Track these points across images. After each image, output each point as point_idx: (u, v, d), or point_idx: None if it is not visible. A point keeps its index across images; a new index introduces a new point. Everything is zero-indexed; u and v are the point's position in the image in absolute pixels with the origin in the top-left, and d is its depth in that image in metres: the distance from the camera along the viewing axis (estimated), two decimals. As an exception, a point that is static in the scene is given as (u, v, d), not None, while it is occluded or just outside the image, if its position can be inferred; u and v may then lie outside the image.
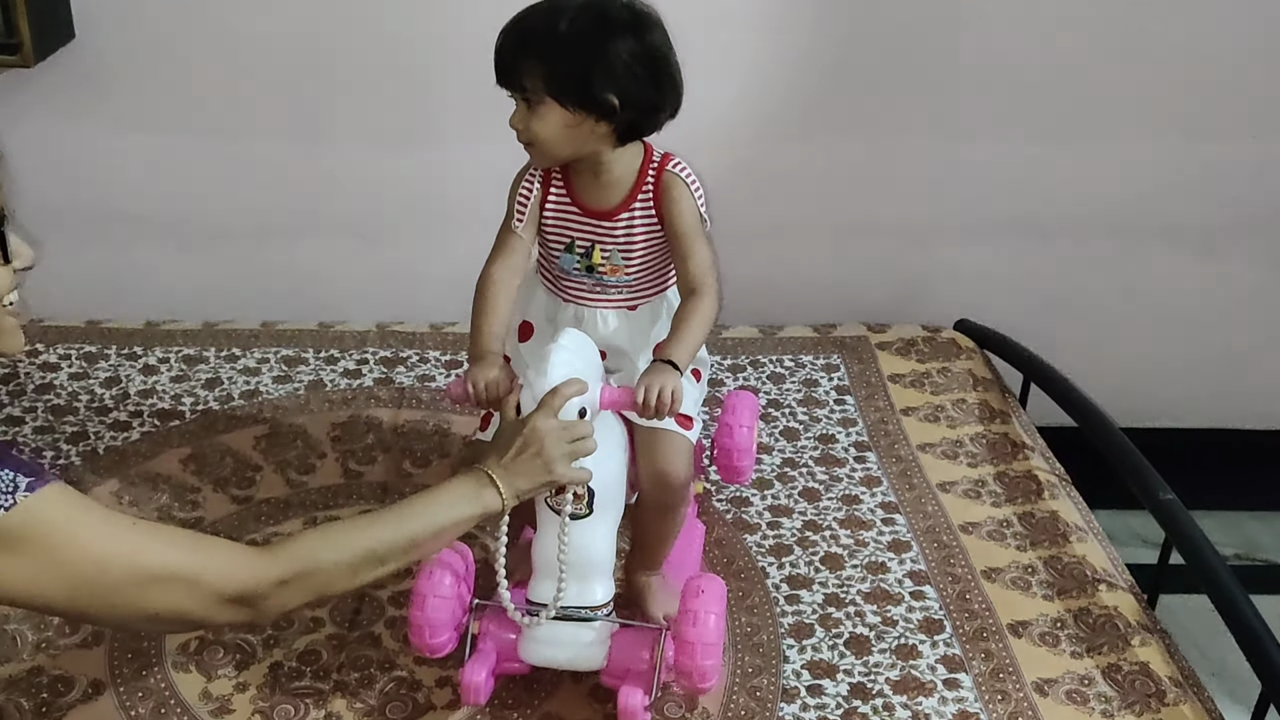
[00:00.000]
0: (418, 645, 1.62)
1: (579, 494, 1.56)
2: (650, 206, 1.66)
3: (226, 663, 1.74)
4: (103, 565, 1.20)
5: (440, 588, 1.60)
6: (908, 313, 2.77)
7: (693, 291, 1.64)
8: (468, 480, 1.48)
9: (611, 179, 1.65)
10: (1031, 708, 1.69)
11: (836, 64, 2.61)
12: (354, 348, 2.54)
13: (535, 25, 1.55)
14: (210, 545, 1.34)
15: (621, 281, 1.71)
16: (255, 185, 2.68)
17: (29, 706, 1.65)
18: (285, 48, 2.55)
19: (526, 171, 1.69)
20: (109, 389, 2.37)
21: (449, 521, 1.45)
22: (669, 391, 1.52)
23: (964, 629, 1.84)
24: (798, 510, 2.10)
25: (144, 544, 1.24)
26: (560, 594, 1.56)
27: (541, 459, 1.48)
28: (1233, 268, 2.84)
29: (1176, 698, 1.72)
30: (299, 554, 1.34)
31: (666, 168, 1.65)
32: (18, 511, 1.14)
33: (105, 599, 1.22)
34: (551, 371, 1.51)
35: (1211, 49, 2.61)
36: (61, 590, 1.19)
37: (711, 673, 1.58)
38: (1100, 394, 2.36)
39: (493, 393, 1.59)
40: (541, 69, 1.54)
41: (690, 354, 1.60)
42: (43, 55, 2.40)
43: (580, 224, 1.68)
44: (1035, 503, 2.13)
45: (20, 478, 1.15)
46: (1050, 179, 2.74)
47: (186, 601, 1.26)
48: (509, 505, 1.49)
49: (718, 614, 1.58)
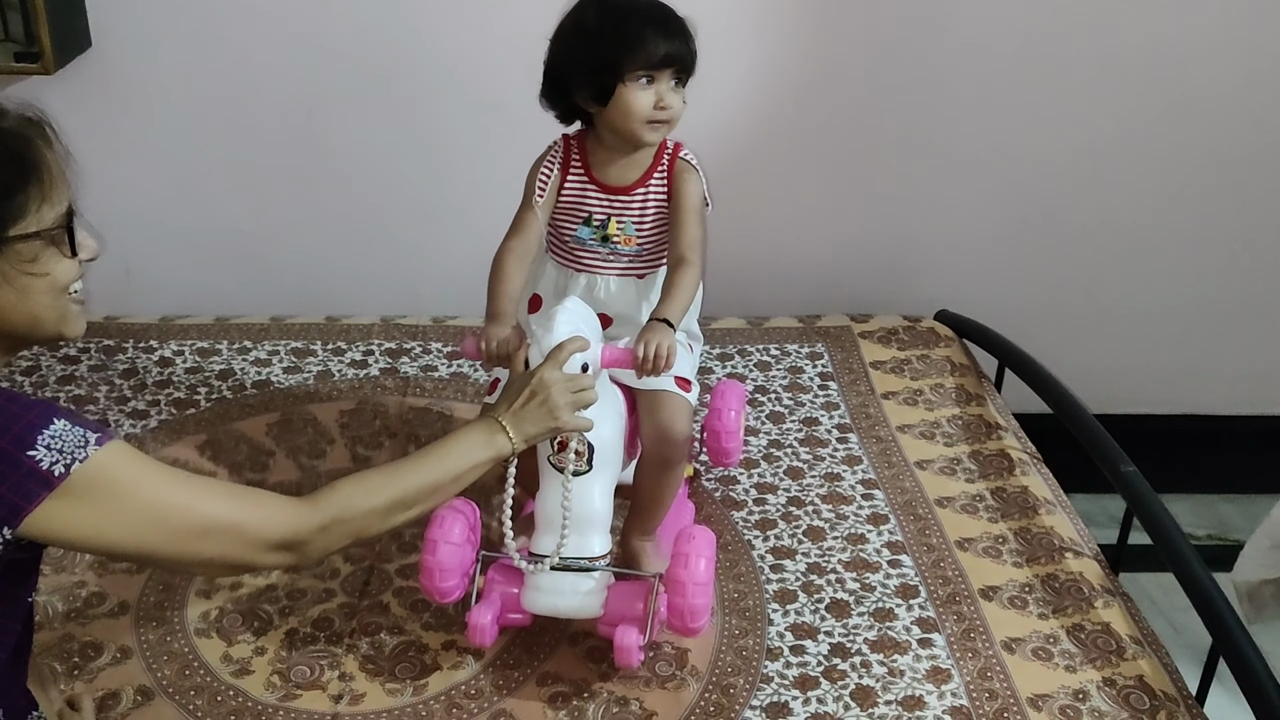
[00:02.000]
0: (427, 589, 1.73)
1: (580, 451, 1.68)
2: (664, 185, 1.84)
3: (245, 629, 1.85)
4: (163, 514, 1.31)
5: (451, 534, 1.72)
6: (891, 304, 2.88)
7: (681, 259, 1.80)
8: (481, 427, 1.60)
9: (635, 157, 1.83)
10: (1000, 664, 1.81)
11: (823, 64, 2.73)
12: (360, 340, 2.66)
13: (677, 14, 1.76)
14: (256, 497, 1.44)
15: (632, 251, 1.87)
16: (265, 187, 2.80)
17: (62, 669, 1.76)
18: (293, 55, 2.67)
19: (546, 157, 1.86)
20: (127, 380, 2.49)
21: (467, 466, 1.56)
22: (665, 346, 1.67)
23: (938, 594, 1.95)
24: (782, 488, 2.21)
25: (198, 496, 1.35)
26: (563, 543, 1.68)
27: (547, 406, 1.61)
28: (1203, 261, 2.96)
29: (1135, 654, 1.83)
30: (336, 502, 1.45)
31: (680, 154, 1.85)
32: (90, 464, 1.24)
33: (165, 544, 1.33)
34: (557, 328, 1.66)
35: (1189, 48, 2.73)
36: (127, 536, 1.30)
37: (701, 612, 1.69)
38: (1076, 382, 2.46)
39: (504, 349, 1.73)
40: (692, 51, 1.76)
41: (681, 312, 1.76)
42: (62, 63, 2.52)
43: (598, 199, 1.85)
44: (1007, 479, 2.25)
45: (89, 433, 1.26)
46: (1029, 176, 2.86)
47: (237, 547, 1.38)
48: (518, 448, 1.61)
49: (708, 558, 1.70)
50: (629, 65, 1.72)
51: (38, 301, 1.30)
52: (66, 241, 1.31)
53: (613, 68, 1.72)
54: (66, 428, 1.24)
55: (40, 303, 1.30)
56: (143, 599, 1.90)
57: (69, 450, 1.23)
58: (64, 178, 1.32)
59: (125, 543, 1.30)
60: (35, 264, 1.28)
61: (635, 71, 1.72)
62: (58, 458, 1.23)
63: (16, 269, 1.27)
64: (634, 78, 1.72)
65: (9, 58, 2.49)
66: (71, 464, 1.23)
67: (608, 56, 1.72)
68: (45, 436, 1.23)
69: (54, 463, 1.23)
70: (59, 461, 1.23)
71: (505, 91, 1.87)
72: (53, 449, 1.23)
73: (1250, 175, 2.87)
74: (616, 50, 1.71)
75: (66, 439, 1.24)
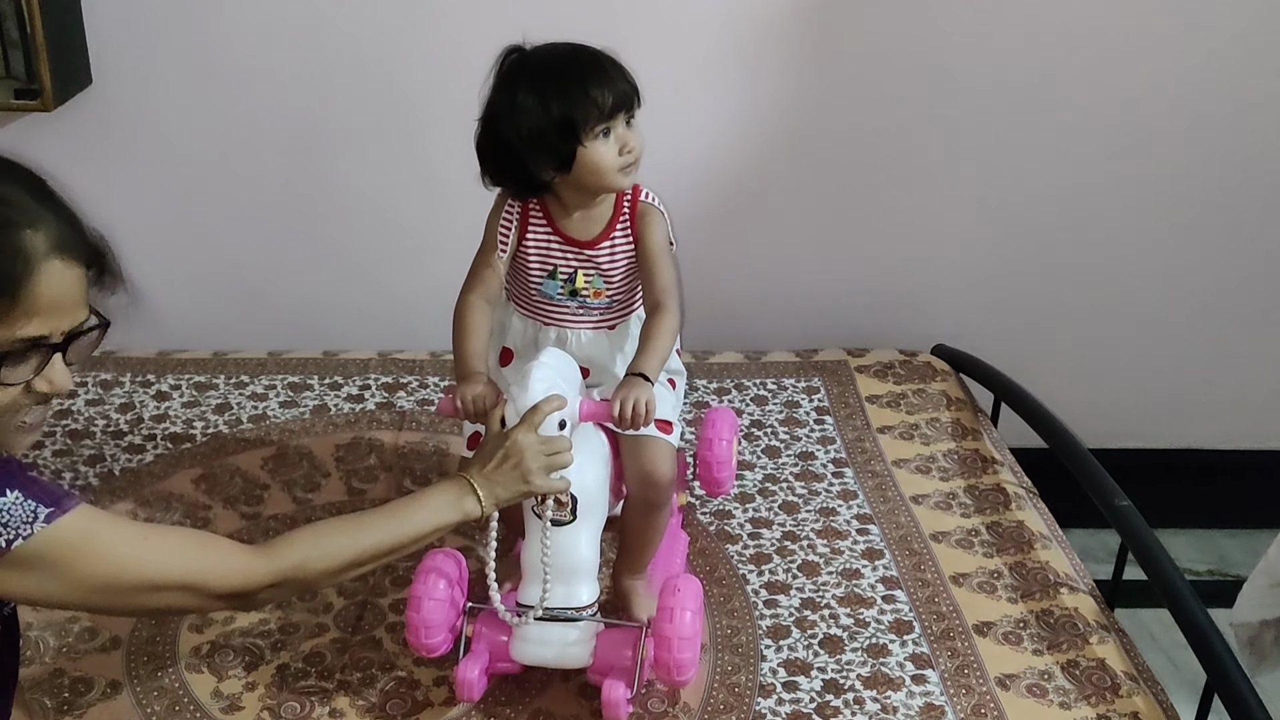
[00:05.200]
0: (414, 645, 1.73)
1: (562, 501, 1.67)
2: (629, 233, 1.80)
3: (236, 664, 1.84)
4: (114, 579, 1.31)
5: (435, 591, 1.71)
6: (887, 338, 2.89)
7: (657, 305, 1.76)
8: (450, 487, 1.60)
9: (596, 210, 1.79)
10: (994, 701, 1.80)
11: (819, 99, 2.74)
12: (357, 374, 2.66)
13: (604, 54, 1.71)
14: (209, 549, 1.43)
15: (602, 304, 1.84)
16: (263, 222, 2.81)
17: (51, 705, 1.75)
18: (291, 90, 2.69)
19: (504, 204, 1.82)
20: (124, 414, 2.49)
21: (431, 528, 1.56)
22: (643, 402, 1.64)
23: (932, 629, 1.94)
24: (777, 522, 2.21)
25: (151, 555, 1.35)
26: (545, 595, 1.67)
27: (520, 470, 1.60)
28: (1200, 294, 2.96)
29: (1130, 690, 1.82)
30: (291, 558, 1.45)
31: (640, 197, 1.80)
32: (34, 540, 1.24)
33: (115, 602, 1.35)
34: (533, 387, 1.63)
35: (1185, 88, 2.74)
36: (75, 597, 1.32)
37: (688, 666, 1.68)
38: (1072, 416, 2.46)
39: (479, 406, 1.71)
40: (632, 83, 1.71)
41: (659, 364, 1.72)
42: (62, 100, 2.54)
43: (563, 252, 1.81)
44: (1003, 513, 2.24)
45: (41, 508, 1.24)
46: (1025, 211, 2.87)
47: (187, 600, 1.39)
48: (488, 512, 1.60)
49: (694, 611, 1.68)
50: (583, 125, 1.66)
51: None
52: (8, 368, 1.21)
53: (567, 132, 1.66)
54: (17, 501, 1.23)
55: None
56: (135, 634, 1.89)
57: (14, 525, 1.22)
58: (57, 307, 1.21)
59: (72, 603, 1.33)
60: None
61: (591, 129, 1.67)
62: (0, 531, 1.22)
63: None
64: (591, 135, 1.67)
65: (9, 95, 2.51)
66: (14, 539, 1.22)
67: (560, 121, 1.66)
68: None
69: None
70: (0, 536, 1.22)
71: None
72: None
73: (1246, 211, 2.87)
74: (568, 112, 1.65)
75: (14, 513, 1.22)
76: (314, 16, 2.63)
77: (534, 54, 1.71)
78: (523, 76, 1.69)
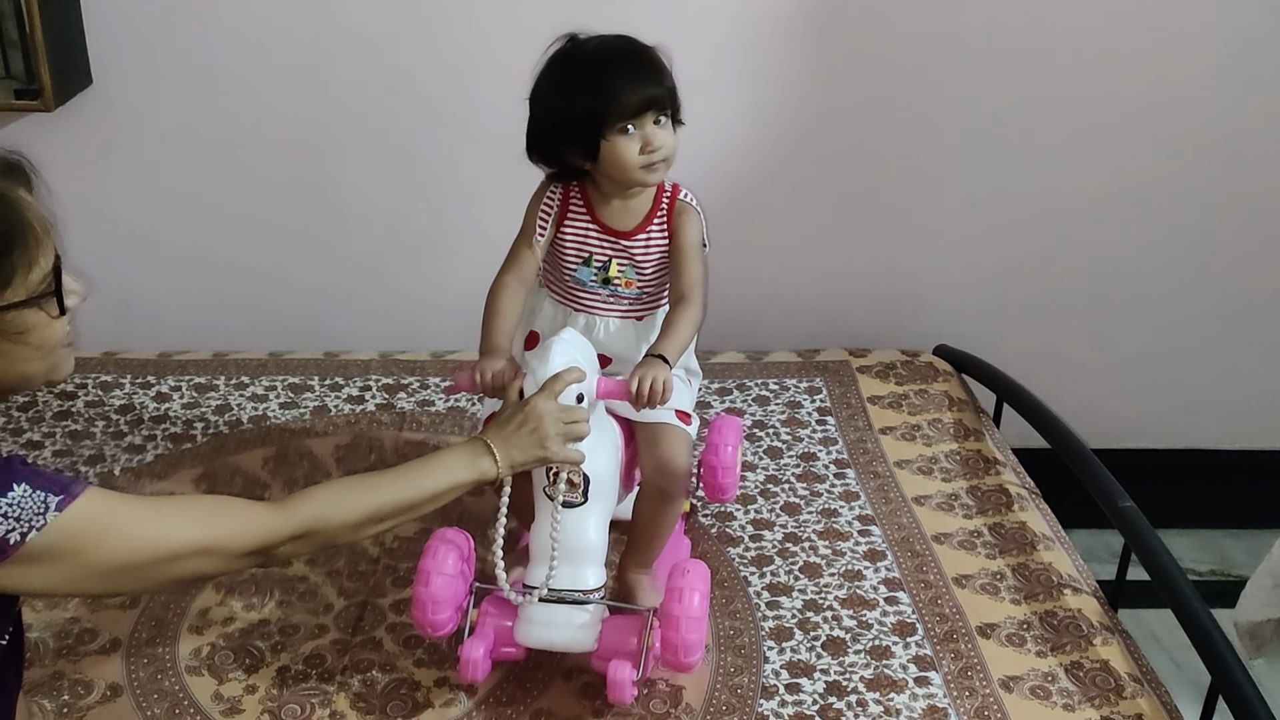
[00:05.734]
0: (420, 622, 1.72)
1: (574, 481, 1.67)
2: (665, 228, 1.84)
3: (236, 666, 1.84)
4: (132, 556, 1.31)
5: (444, 565, 1.70)
6: (889, 339, 2.88)
7: (682, 297, 1.80)
8: (467, 448, 1.59)
9: (635, 202, 1.83)
10: (997, 703, 1.79)
11: (822, 100, 2.74)
12: (358, 375, 2.65)
13: (645, 52, 1.74)
14: (227, 510, 1.43)
15: (633, 294, 1.87)
16: (264, 222, 2.81)
17: (51, 708, 1.75)
18: (292, 91, 2.69)
19: (546, 190, 1.86)
20: (124, 415, 2.48)
21: (447, 485, 1.55)
22: (660, 381, 1.66)
23: (935, 631, 1.94)
24: (779, 524, 2.20)
25: (169, 526, 1.34)
26: (552, 574, 1.66)
27: (537, 435, 1.60)
28: (1203, 295, 2.95)
29: (1134, 692, 1.81)
30: (310, 512, 1.45)
31: (679, 196, 1.85)
32: (49, 530, 1.23)
33: (138, 577, 1.33)
34: (553, 359, 1.65)
35: (1189, 88, 2.74)
36: (96, 582, 1.31)
37: (695, 647, 1.67)
38: (1074, 416, 2.45)
39: (499, 380, 1.72)
40: (668, 87, 1.74)
41: (679, 350, 1.75)
42: (62, 100, 2.54)
43: (600, 241, 1.84)
44: (1005, 514, 2.23)
45: (50, 497, 1.24)
46: (1027, 211, 2.86)
47: (209, 564, 1.38)
48: (503, 473, 1.59)
49: (702, 592, 1.68)
50: (605, 120, 1.71)
51: (27, 363, 1.29)
52: (55, 302, 1.28)
53: (591, 125, 1.72)
54: (26, 493, 1.23)
55: (29, 363, 1.29)
56: (134, 635, 1.89)
57: (26, 518, 1.22)
58: (48, 231, 1.29)
59: (95, 588, 1.33)
60: (25, 334, 1.27)
61: (614, 124, 1.71)
62: (14, 526, 1.22)
63: (4, 339, 1.25)
64: (615, 130, 1.72)
65: (9, 95, 2.51)
66: (28, 532, 1.22)
67: (584, 115, 1.71)
68: (2, 505, 1.21)
69: (9, 531, 1.21)
70: (14, 530, 1.22)
71: (503, 127, 1.87)
72: (9, 517, 1.22)
73: (1248, 211, 2.87)
74: (591, 107, 1.71)
75: (25, 506, 1.22)
76: (314, 16, 2.62)
77: (582, 45, 1.76)
78: (562, 65, 1.75)
